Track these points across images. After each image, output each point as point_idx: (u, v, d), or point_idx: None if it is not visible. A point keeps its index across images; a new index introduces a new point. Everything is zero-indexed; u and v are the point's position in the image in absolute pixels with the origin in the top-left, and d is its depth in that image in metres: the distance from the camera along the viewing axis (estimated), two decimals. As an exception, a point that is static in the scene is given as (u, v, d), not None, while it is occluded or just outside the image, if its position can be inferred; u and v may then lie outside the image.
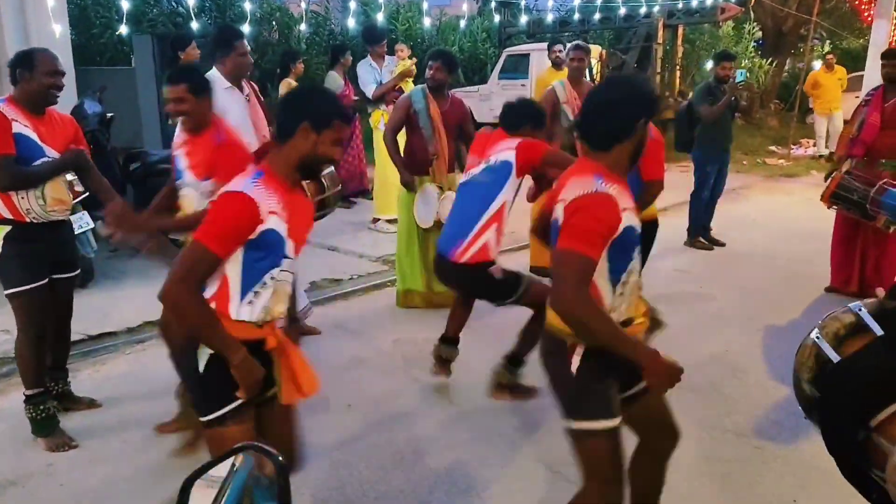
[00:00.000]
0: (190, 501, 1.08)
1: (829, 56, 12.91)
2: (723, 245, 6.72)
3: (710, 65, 14.81)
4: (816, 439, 3.30)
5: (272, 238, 1.96)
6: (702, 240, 6.72)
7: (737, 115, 7.68)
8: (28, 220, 3.04)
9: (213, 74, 3.72)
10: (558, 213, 1.99)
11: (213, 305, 1.97)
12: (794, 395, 3.16)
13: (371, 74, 7.08)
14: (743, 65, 14.54)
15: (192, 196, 2.94)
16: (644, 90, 2.07)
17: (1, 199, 2.99)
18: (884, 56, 5.09)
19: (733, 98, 6.41)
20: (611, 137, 2.01)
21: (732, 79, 6.47)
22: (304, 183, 3.69)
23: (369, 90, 7.12)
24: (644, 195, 3.65)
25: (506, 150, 3.23)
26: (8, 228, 3.03)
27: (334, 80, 7.98)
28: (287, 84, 7.52)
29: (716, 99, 6.34)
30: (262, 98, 4.07)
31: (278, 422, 2.16)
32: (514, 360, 3.44)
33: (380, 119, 6.98)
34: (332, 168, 3.81)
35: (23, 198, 3.00)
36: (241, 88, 3.86)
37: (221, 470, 1.13)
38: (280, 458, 1.20)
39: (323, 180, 3.72)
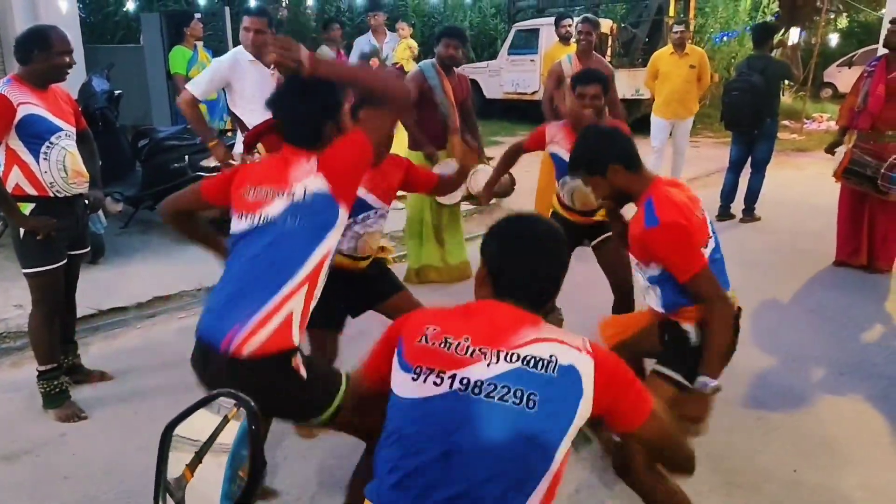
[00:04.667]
0: (171, 452, 1.13)
1: (680, 30, 7.37)
2: (733, 217, 6.72)
3: (724, 38, 14.74)
4: (817, 410, 3.33)
5: None
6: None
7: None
8: (51, 194, 3.10)
9: (240, 48, 4.02)
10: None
11: None
12: (797, 366, 3.19)
13: (356, 53, 7.02)
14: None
15: None
16: None
17: (25, 174, 3.04)
18: (892, 22, 4.95)
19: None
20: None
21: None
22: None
23: None
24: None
25: (309, 177, 2.00)
26: (31, 206, 3.08)
27: (325, 53, 7.99)
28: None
29: None
30: None
31: None
32: None
33: None
34: None
35: (46, 171, 3.06)
36: (267, 65, 3.97)
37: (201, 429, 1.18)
38: (252, 404, 1.24)
39: None
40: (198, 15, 7.30)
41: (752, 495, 2.67)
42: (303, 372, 1.94)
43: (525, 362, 1.42)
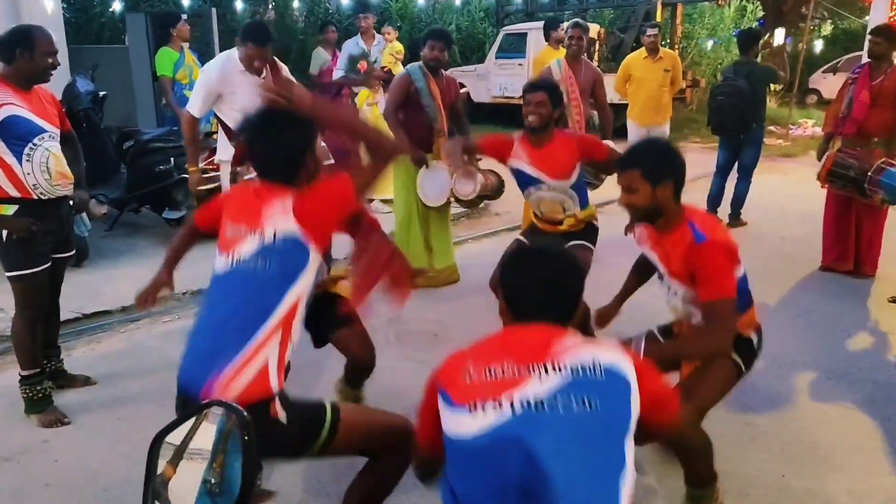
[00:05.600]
0: (159, 461, 1.12)
1: (653, 33, 7.12)
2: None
3: (710, 44, 14.86)
4: (804, 415, 3.33)
5: None
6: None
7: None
8: (35, 196, 3.05)
9: (233, 54, 3.91)
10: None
11: None
12: (783, 371, 3.20)
13: (345, 56, 7.07)
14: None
15: None
16: None
17: (8, 177, 2.99)
18: (872, 32, 5.05)
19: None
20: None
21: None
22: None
23: (337, 73, 7.13)
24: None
25: (281, 218, 1.93)
26: (15, 208, 3.04)
27: (320, 56, 7.95)
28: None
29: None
30: (283, 75, 4.09)
31: None
32: None
33: (365, 99, 6.94)
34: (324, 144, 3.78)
35: (29, 173, 3.01)
36: (258, 72, 3.93)
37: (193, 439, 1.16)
38: (245, 414, 1.23)
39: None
40: (184, 16, 7.24)
41: (740, 501, 2.66)
42: (282, 417, 1.88)
43: (573, 370, 1.44)
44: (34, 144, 3.01)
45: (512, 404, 1.41)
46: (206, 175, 4.23)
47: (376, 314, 4.32)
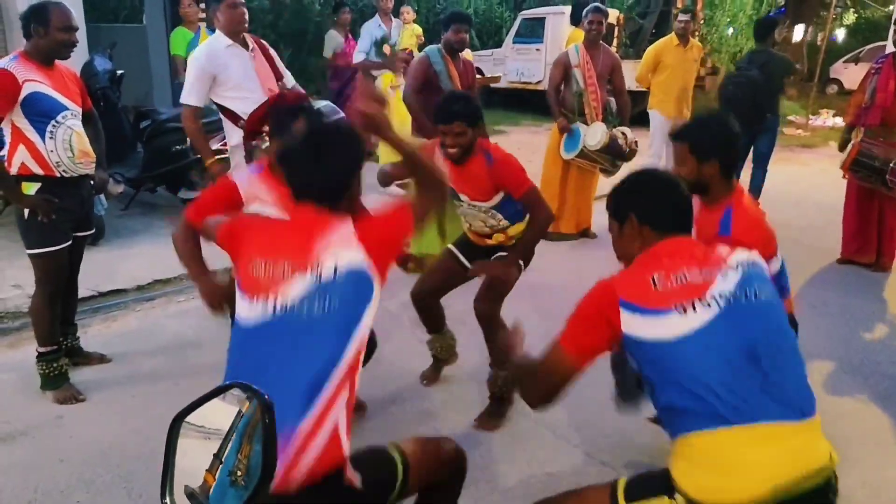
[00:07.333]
0: (179, 441, 1.12)
1: (685, 20, 6.74)
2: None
3: (730, 31, 14.67)
4: (819, 408, 3.30)
5: None
6: None
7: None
8: (58, 174, 3.06)
9: (217, 35, 3.73)
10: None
11: None
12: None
13: (367, 40, 6.99)
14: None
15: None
16: None
17: (31, 153, 3.00)
18: None
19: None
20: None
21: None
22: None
23: (358, 56, 7.07)
24: None
25: (345, 247, 1.68)
26: (37, 186, 3.05)
27: (333, 39, 7.90)
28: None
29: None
30: (271, 53, 3.96)
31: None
32: None
33: (389, 83, 6.88)
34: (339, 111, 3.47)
35: (52, 151, 3.02)
36: (245, 45, 3.72)
37: (211, 420, 1.16)
38: (265, 397, 1.22)
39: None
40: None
41: (753, 492, 2.65)
42: (357, 482, 1.61)
43: (740, 265, 1.68)
44: (57, 122, 3.02)
45: (715, 301, 1.61)
46: (222, 157, 4.09)
47: (391, 297, 4.33)
